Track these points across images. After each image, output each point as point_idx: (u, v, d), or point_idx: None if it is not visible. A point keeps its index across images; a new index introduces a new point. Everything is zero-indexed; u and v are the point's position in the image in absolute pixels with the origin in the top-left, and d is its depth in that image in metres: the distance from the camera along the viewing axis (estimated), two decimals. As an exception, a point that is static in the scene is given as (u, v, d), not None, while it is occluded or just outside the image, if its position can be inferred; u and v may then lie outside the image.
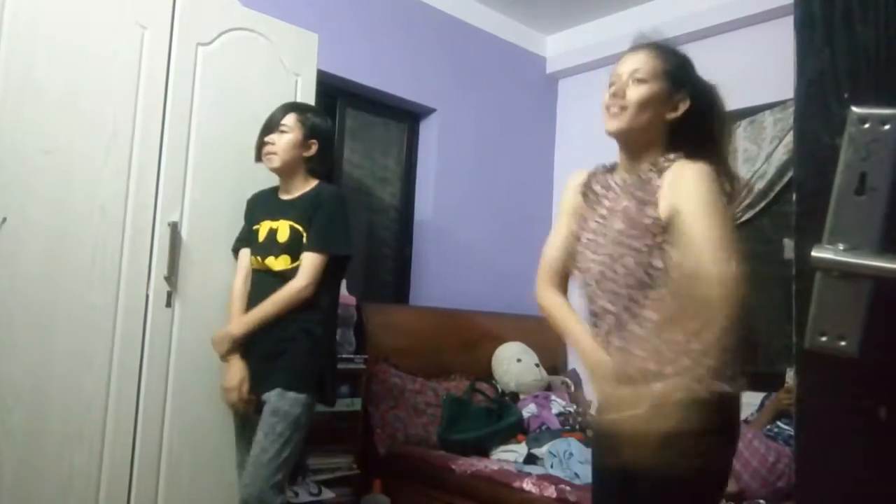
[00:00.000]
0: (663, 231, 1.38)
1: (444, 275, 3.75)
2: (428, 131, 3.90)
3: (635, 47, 1.52)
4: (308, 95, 2.60)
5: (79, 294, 2.07)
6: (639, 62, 1.47)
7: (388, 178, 3.83)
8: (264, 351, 2.08)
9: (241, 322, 2.11)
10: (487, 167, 4.04)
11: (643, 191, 1.44)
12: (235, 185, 2.41)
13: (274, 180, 2.41)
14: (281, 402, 2.00)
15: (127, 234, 2.17)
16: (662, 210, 1.38)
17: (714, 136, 1.49)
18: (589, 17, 4.08)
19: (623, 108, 1.45)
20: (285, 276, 2.10)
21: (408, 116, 3.88)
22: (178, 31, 2.30)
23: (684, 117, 1.47)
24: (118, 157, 2.16)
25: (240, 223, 2.36)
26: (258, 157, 2.24)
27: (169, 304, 2.24)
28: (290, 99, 2.54)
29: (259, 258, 2.17)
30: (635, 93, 1.44)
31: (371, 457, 2.93)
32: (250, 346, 2.11)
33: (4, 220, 1.95)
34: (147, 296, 2.21)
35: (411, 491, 2.83)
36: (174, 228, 2.25)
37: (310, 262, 2.07)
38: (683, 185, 1.36)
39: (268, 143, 2.19)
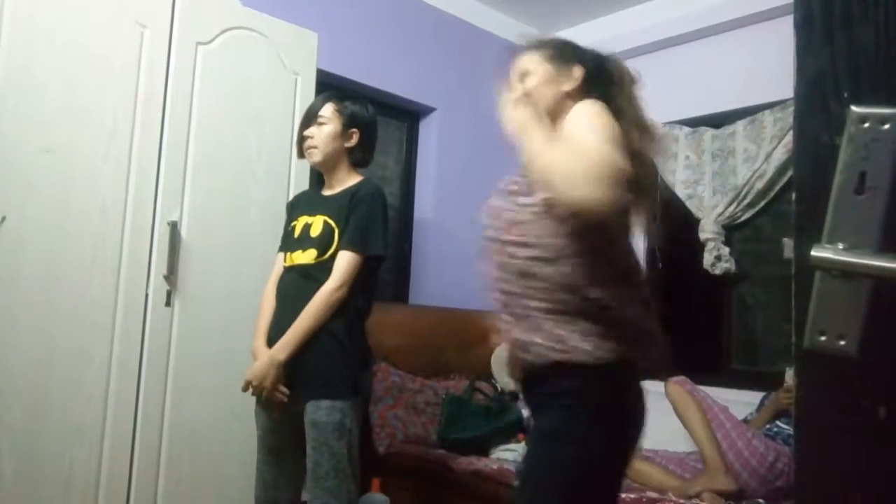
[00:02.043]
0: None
1: (444, 274, 3.74)
2: (428, 130, 3.90)
3: (514, 56, 1.57)
4: (308, 94, 2.59)
5: (78, 292, 2.07)
6: (520, 63, 1.53)
7: (388, 177, 3.83)
8: (290, 357, 1.98)
9: (283, 345, 1.95)
10: (487, 166, 4.02)
11: None
12: (235, 184, 2.41)
13: (272, 181, 2.41)
14: (317, 413, 1.93)
15: (126, 232, 2.17)
16: None
17: (615, 97, 1.46)
18: (589, 17, 4.08)
19: (523, 100, 1.46)
20: (308, 272, 2.00)
21: (408, 115, 3.88)
22: (178, 30, 2.30)
23: (587, 85, 1.48)
24: (118, 156, 2.16)
25: (240, 222, 2.36)
26: (300, 153, 2.16)
27: (168, 302, 2.24)
28: (290, 98, 2.54)
29: (289, 254, 2.08)
30: (526, 85, 1.48)
31: (370, 456, 2.93)
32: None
33: (4, 218, 1.95)
34: (147, 294, 2.21)
35: (410, 490, 2.82)
36: (174, 227, 2.25)
37: (344, 262, 1.96)
38: (570, 118, 1.35)
39: (307, 137, 2.09)
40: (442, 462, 2.77)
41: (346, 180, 2.11)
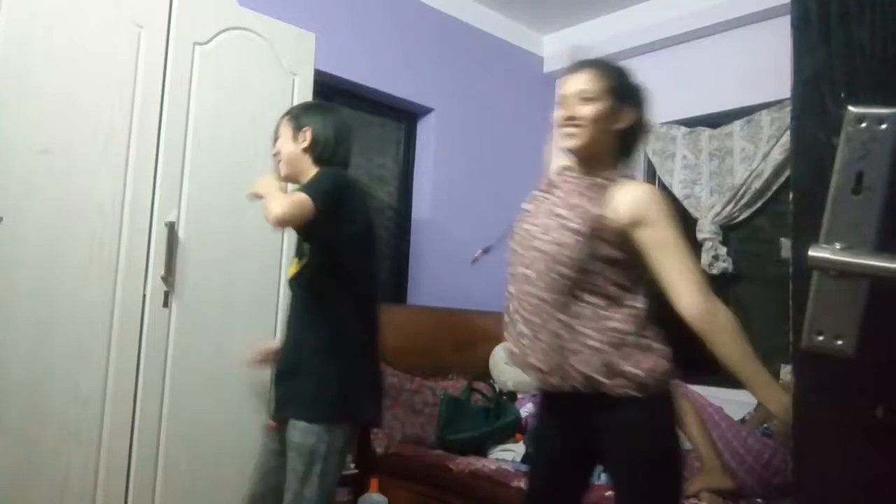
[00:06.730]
0: (612, 234, 1.52)
1: (442, 274, 3.74)
2: (425, 131, 3.90)
3: (575, 67, 1.61)
4: (305, 95, 2.59)
5: (76, 293, 2.07)
6: (583, 83, 1.57)
7: (386, 178, 3.83)
8: (279, 370, 1.98)
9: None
10: (485, 166, 4.03)
11: (596, 192, 1.57)
12: (233, 185, 2.40)
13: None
14: (293, 433, 1.85)
15: (124, 233, 2.16)
16: (621, 216, 1.51)
17: (638, 146, 1.66)
18: (586, 17, 4.08)
19: (578, 127, 1.57)
20: (295, 283, 1.97)
21: (405, 116, 3.88)
22: (175, 31, 2.30)
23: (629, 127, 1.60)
24: (115, 156, 2.16)
25: (237, 223, 2.35)
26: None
27: (166, 303, 2.24)
28: (288, 99, 2.54)
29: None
30: (587, 111, 1.55)
31: (368, 456, 2.93)
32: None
33: (1, 219, 1.95)
34: (144, 295, 2.20)
35: (408, 490, 2.82)
36: (171, 228, 2.24)
37: (293, 196, 1.75)
38: (641, 204, 1.51)
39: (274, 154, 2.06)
40: (440, 462, 2.77)
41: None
